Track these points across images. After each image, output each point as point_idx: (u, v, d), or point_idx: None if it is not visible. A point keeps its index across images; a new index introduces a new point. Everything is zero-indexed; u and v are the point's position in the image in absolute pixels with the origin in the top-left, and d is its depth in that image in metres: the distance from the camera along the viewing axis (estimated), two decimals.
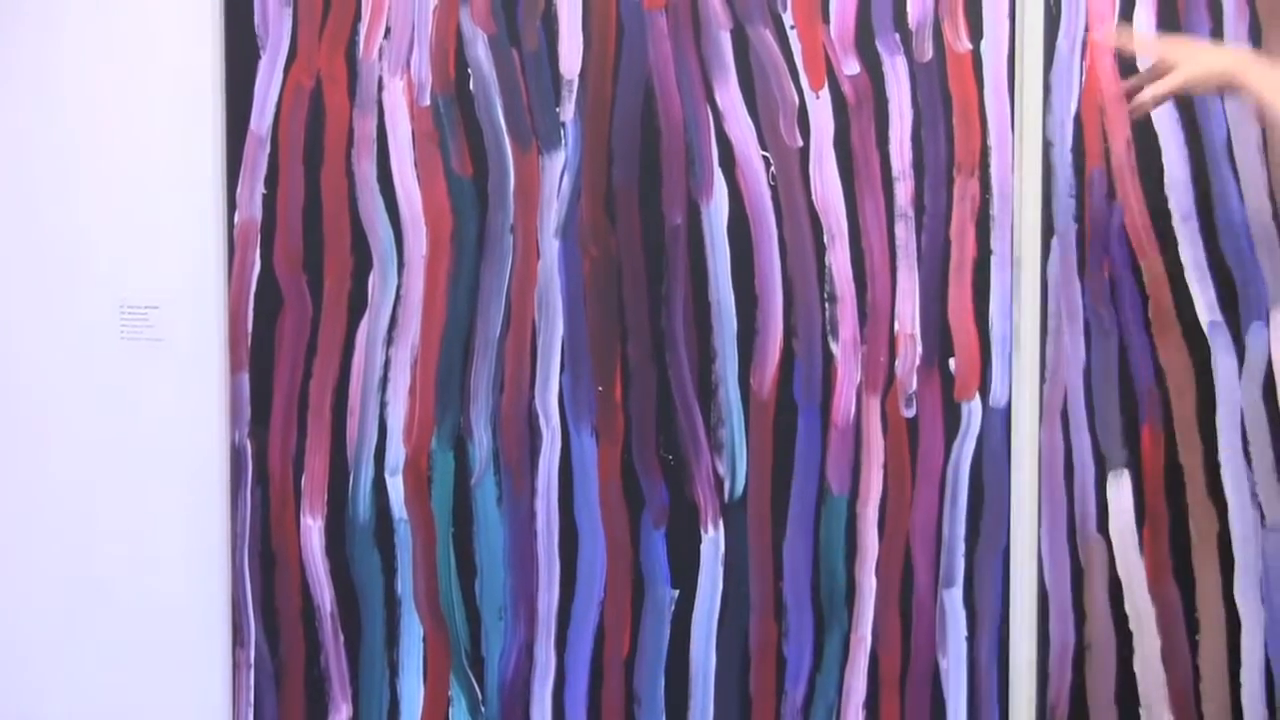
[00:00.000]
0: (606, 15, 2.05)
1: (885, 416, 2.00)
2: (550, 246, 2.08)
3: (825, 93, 2.00)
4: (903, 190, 1.98)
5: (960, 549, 1.98)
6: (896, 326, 1.99)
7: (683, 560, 2.06)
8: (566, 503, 2.09)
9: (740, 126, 2.03)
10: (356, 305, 2.14)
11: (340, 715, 2.17)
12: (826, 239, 2.00)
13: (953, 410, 1.98)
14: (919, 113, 1.98)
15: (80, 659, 2.29)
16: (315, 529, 2.16)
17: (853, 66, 1.99)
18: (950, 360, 1.98)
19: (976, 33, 1.96)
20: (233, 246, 2.17)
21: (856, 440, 2.00)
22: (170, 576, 2.24)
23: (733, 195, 2.02)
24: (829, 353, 2.00)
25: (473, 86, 2.10)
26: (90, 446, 2.27)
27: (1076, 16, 1.93)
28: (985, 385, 1.97)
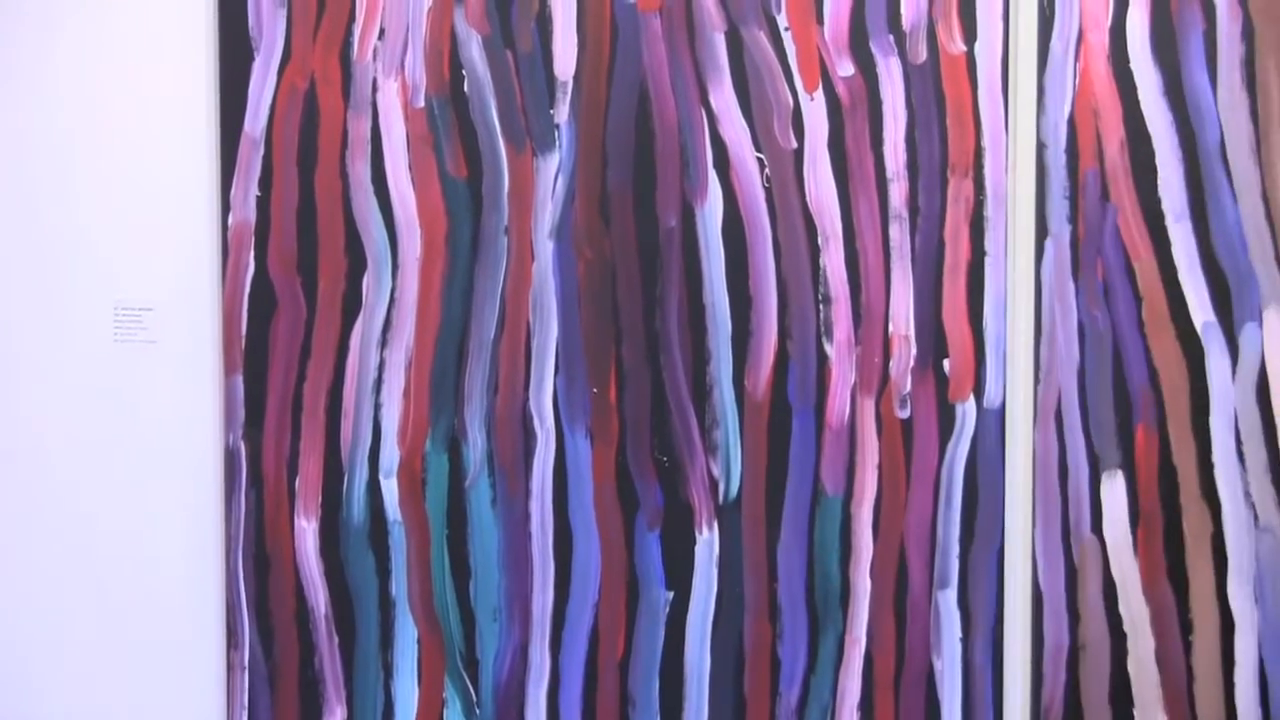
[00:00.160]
0: (601, 17, 2.05)
1: (880, 418, 2.00)
2: (545, 248, 2.08)
3: (820, 94, 2.00)
4: (897, 191, 1.99)
5: (955, 550, 1.98)
6: (891, 328, 1.99)
7: (677, 562, 2.06)
8: (561, 504, 2.08)
9: (735, 128, 2.03)
10: (351, 307, 2.13)
11: (334, 717, 2.17)
12: (821, 240, 2.01)
13: (947, 411, 1.98)
14: (913, 114, 1.98)
15: (74, 661, 2.29)
16: (309, 531, 2.16)
17: (847, 68, 2.00)
18: (944, 361, 1.98)
19: (970, 34, 1.96)
20: (227, 248, 2.17)
21: (851, 441, 2.00)
22: (164, 578, 2.24)
23: (727, 197, 2.03)
24: (823, 354, 2.01)
25: (467, 88, 2.10)
26: (84, 449, 2.27)
27: (1070, 18, 1.94)
28: (979, 386, 1.97)
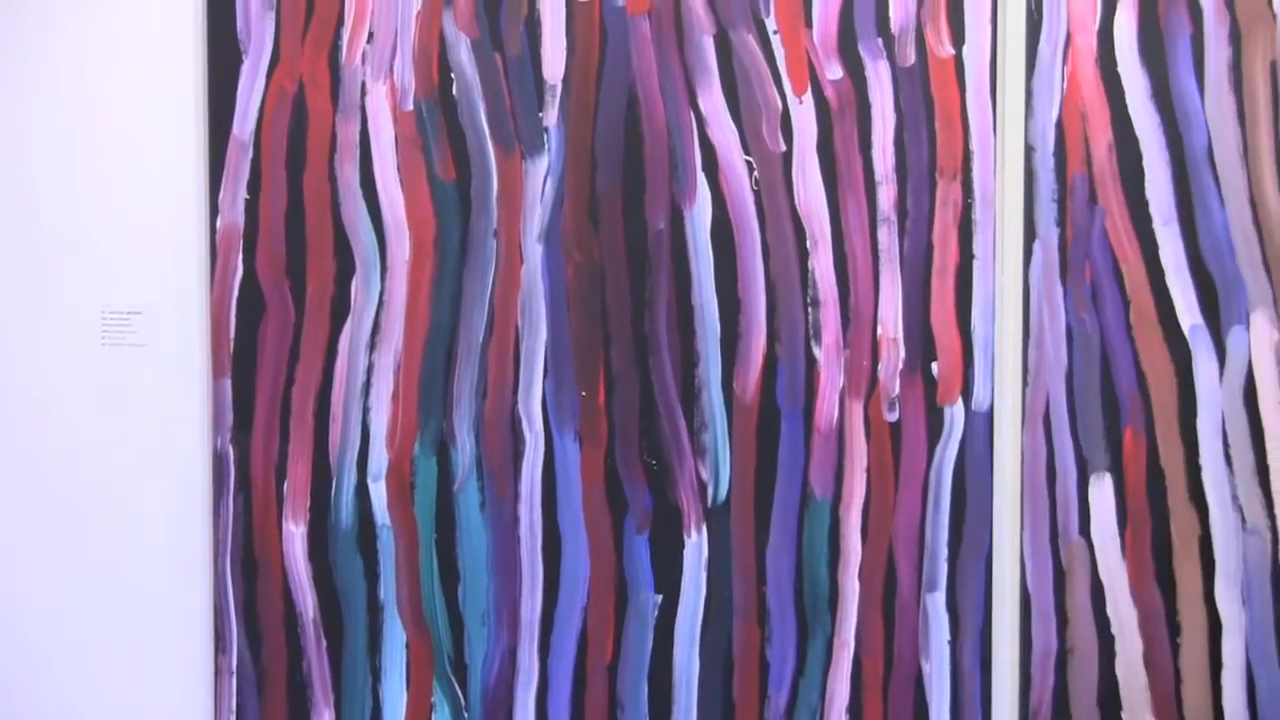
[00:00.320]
0: (590, 20, 2.05)
1: (868, 420, 2.00)
2: (533, 251, 2.08)
3: (808, 97, 2.00)
4: (885, 195, 1.99)
5: (943, 553, 1.98)
6: (879, 331, 1.99)
7: (666, 565, 2.05)
8: (550, 508, 2.08)
9: (723, 131, 2.03)
10: (339, 310, 2.13)
11: None
12: (809, 243, 2.01)
13: (935, 414, 1.98)
14: (901, 117, 1.98)
15: (62, 665, 2.28)
16: (298, 535, 2.15)
17: (835, 71, 2.00)
18: (933, 364, 1.98)
19: (959, 38, 1.97)
20: (215, 252, 2.16)
21: (839, 444, 2.00)
22: (152, 582, 2.23)
23: (716, 200, 2.03)
24: (812, 357, 2.01)
25: (455, 91, 2.10)
26: (72, 452, 2.26)
27: (1058, 22, 1.94)
28: (968, 389, 1.97)
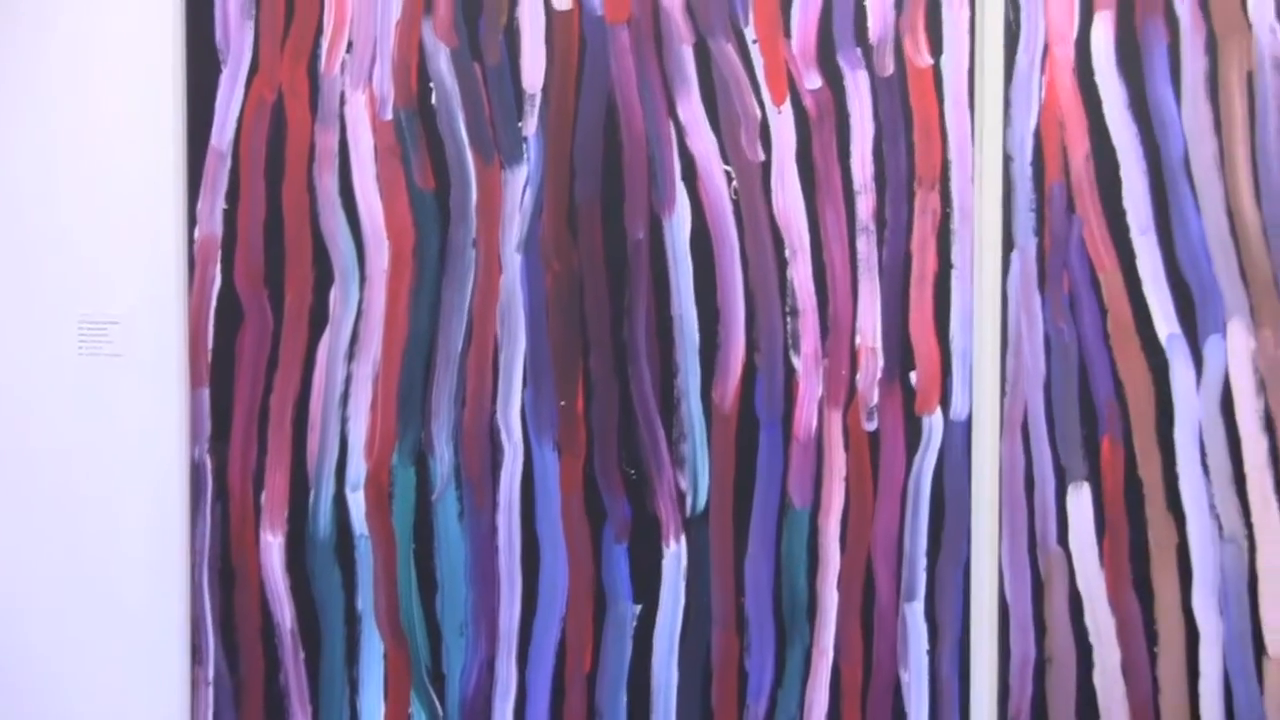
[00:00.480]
0: (569, 29, 2.05)
1: (847, 430, 2.00)
2: (512, 261, 2.07)
3: (787, 107, 2.01)
4: (864, 204, 1.99)
5: (921, 562, 1.98)
6: (858, 340, 1.99)
7: (645, 575, 2.05)
8: (528, 518, 2.08)
9: (702, 140, 2.03)
10: (318, 320, 2.13)
11: None
12: (788, 253, 2.01)
13: (914, 424, 1.98)
14: (880, 127, 1.99)
15: (37, 676, 2.27)
16: (275, 545, 2.14)
17: (814, 81, 2.00)
18: (911, 374, 1.98)
19: (937, 48, 1.97)
20: (193, 261, 2.16)
21: (818, 454, 2.00)
22: (129, 593, 2.22)
23: (695, 209, 2.03)
24: (790, 366, 2.01)
25: (435, 100, 2.09)
26: (48, 462, 2.25)
27: (1036, 32, 1.95)
28: (946, 398, 1.97)
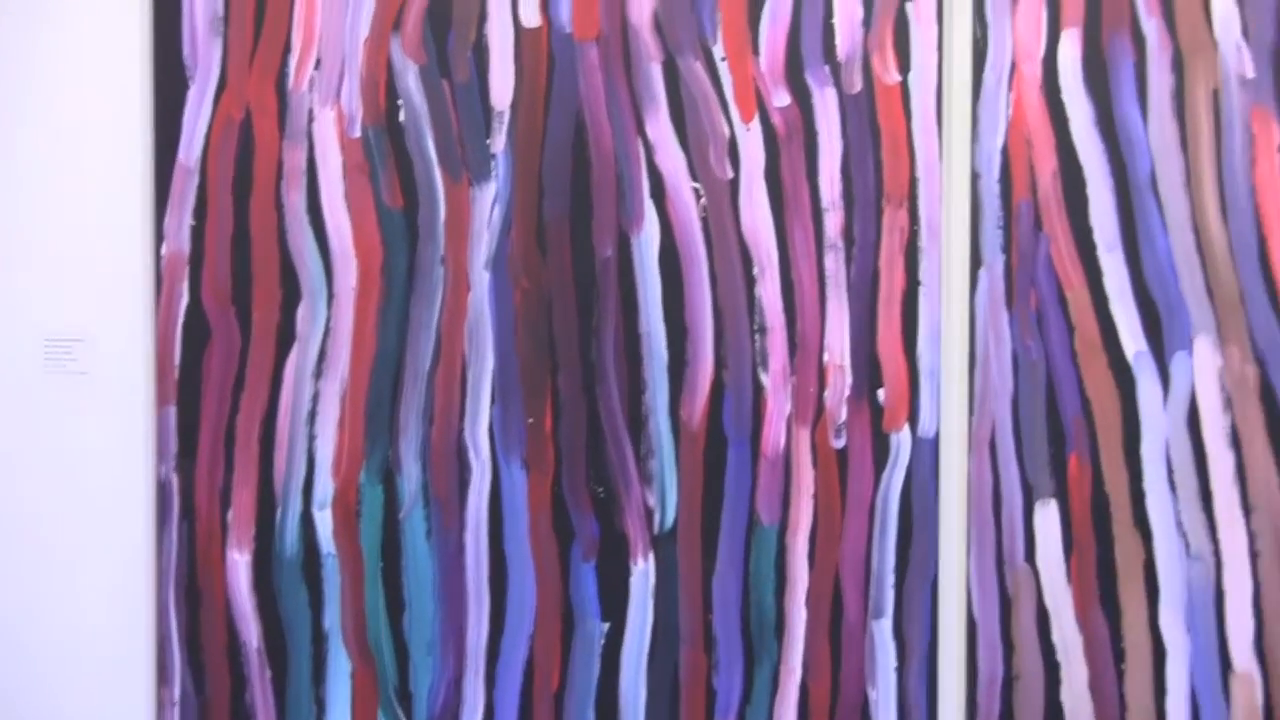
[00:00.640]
0: (537, 46, 2.05)
1: (815, 447, 1.99)
2: (481, 278, 2.07)
3: (755, 124, 2.01)
4: (832, 221, 1.99)
5: (889, 579, 1.98)
6: (826, 357, 1.99)
7: (613, 593, 2.04)
8: (496, 536, 2.07)
9: (671, 158, 2.03)
10: (285, 338, 2.12)
11: None
12: (756, 270, 2.01)
13: (882, 441, 1.98)
14: (848, 144, 1.99)
15: (2, 696, 2.25)
16: (242, 563, 2.13)
17: (783, 98, 2.00)
18: (879, 391, 1.98)
19: (905, 65, 1.98)
20: (160, 278, 2.15)
21: (786, 471, 2.00)
22: (94, 612, 2.20)
23: (663, 227, 2.02)
24: (759, 384, 2.00)
25: (403, 118, 2.09)
26: (13, 480, 2.23)
27: (1003, 49, 1.95)
28: (914, 416, 1.97)
